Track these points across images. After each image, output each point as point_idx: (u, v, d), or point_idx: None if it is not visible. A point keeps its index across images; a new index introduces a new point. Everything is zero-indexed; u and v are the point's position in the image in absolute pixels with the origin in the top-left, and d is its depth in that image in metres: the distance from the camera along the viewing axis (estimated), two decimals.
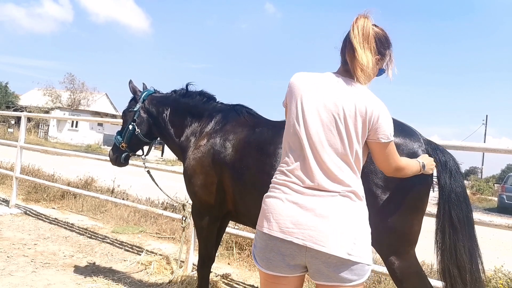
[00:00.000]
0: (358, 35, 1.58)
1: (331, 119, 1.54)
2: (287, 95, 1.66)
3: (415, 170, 1.80)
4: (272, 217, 1.53)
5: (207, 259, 2.93)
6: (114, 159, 3.44)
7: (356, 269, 1.48)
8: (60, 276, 3.70)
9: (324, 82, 1.61)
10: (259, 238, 1.58)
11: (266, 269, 1.56)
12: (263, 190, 2.48)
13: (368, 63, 1.57)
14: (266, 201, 1.60)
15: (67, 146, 28.79)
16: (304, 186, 1.53)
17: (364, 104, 1.54)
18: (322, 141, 1.53)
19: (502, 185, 20.20)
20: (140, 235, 5.48)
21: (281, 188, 1.56)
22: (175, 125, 3.14)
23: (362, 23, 1.60)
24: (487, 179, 31.06)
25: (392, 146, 1.62)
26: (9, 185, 7.73)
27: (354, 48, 1.58)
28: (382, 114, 1.57)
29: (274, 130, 2.57)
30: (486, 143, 10.32)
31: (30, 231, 5.20)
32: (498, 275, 3.89)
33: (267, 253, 1.54)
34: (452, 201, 2.11)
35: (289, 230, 1.48)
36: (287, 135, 1.63)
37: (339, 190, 1.51)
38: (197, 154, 2.79)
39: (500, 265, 4.08)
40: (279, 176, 1.61)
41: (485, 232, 8.89)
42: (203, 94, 3.15)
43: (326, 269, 1.47)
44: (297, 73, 1.68)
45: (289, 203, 1.52)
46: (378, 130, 1.56)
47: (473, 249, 2.12)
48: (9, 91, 41.60)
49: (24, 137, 6.68)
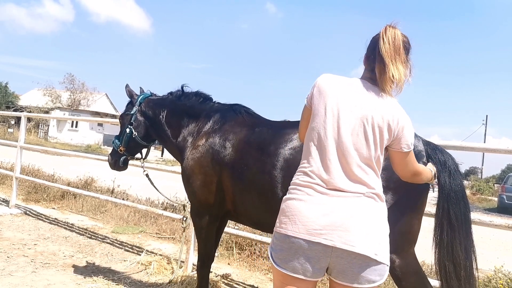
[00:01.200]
0: (389, 49, 1.60)
1: (359, 124, 1.57)
2: (315, 95, 1.66)
3: (429, 176, 1.88)
4: (297, 219, 1.52)
5: (207, 259, 2.93)
6: (113, 163, 3.45)
7: (379, 269, 1.50)
8: (60, 276, 3.70)
9: (354, 88, 1.63)
10: (281, 241, 1.55)
11: (290, 272, 1.53)
12: (263, 189, 2.50)
13: (401, 77, 1.61)
14: (289, 203, 1.58)
15: (67, 146, 28.80)
16: (328, 188, 1.54)
17: (391, 114, 1.59)
18: (349, 145, 1.56)
19: (502, 185, 20.20)
20: (140, 235, 5.48)
21: (305, 190, 1.56)
22: (172, 126, 3.14)
23: (393, 34, 1.62)
24: (487, 179, 31.06)
25: (412, 153, 1.69)
26: (9, 185, 7.73)
27: (385, 63, 1.59)
28: (407, 126, 1.62)
29: (274, 129, 2.58)
30: (486, 143, 10.32)
31: (30, 231, 5.20)
32: (498, 275, 3.89)
33: (290, 256, 1.52)
34: (451, 200, 2.15)
35: (317, 232, 1.48)
36: (312, 135, 1.62)
37: (363, 192, 1.54)
38: (196, 154, 2.79)
39: (500, 265, 4.08)
40: (301, 177, 1.60)
41: (485, 232, 8.89)
42: (199, 95, 3.16)
43: (350, 270, 1.49)
44: (325, 74, 1.70)
45: (314, 205, 1.52)
46: (402, 140, 1.62)
47: (469, 247, 2.18)
48: (9, 91, 41.61)
49: (24, 137, 6.68)
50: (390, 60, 1.58)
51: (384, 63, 1.59)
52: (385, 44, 1.60)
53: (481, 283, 3.97)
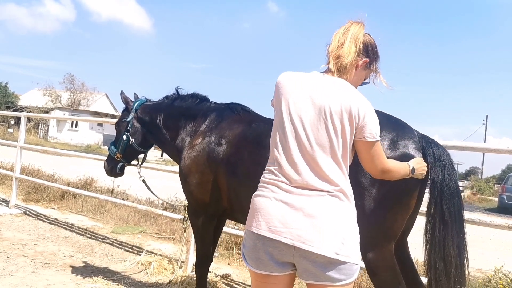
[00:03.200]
0: (345, 33, 1.64)
1: (318, 118, 1.53)
2: (275, 95, 1.66)
3: (403, 173, 1.78)
4: (260, 216, 1.53)
5: (205, 258, 2.93)
6: (110, 170, 3.45)
7: (344, 268, 1.48)
8: (60, 276, 3.70)
9: (310, 81, 1.60)
10: (248, 238, 1.58)
11: (256, 269, 1.56)
12: (257, 183, 2.48)
13: (349, 54, 1.60)
14: (255, 200, 1.59)
15: (67, 146, 28.80)
16: (292, 185, 1.52)
17: (349, 102, 1.52)
18: (310, 140, 1.53)
19: (502, 185, 20.23)
20: (140, 235, 5.48)
21: (270, 187, 1.56)
22: (169, 129, 3.15)
23: (353, 27, 1.65)
24: (487, 179, 31.11)
25: (378, 146, 1.60)
26: (9, 185, 7.72)
27: (335, 39, 1.63)
28: (368, 113, 1.55)
29: (271, 124, 2.56)
30: (486, 143, 10.34)
31: (30, 232, 5.20)
32: (498, 275, 3.89)
33: (256, 253, 1.54)
34: (445, 195, 2.10)
35: (278, 230, 1.48)
36: (275, 134, 1.62)
37: (327, 189, 1.51)
38: (192, 153, 2.80)
39: (500, 265, 4.08)
40: (267, 175, 1.61)
41: (485, 232, 8.89)
42: (195, 96, 3.16)
43: (313, 269, 1.48)
44: (284, 72, 1.68)
45: (277, 202, 1.52)
46: (364, 129, 1.54)
47: (461, 245, 2.13)
48: (9, 91, 41.63)
49: (24, 137, 6.68)
50: (342, 36, 1.63)
51: (335, 40, 1.64)
52: (340, 29, 1.66)
53: (481, 283, 3.97)
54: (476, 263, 5.86)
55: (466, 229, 2.19)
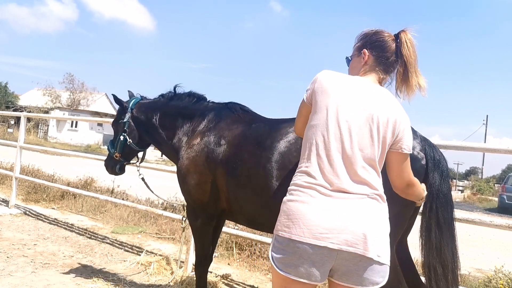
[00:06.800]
0: (414, 55, 1.73)
1: (364, 124, 1.56)
2: (316, 92, 1.63)
3: (420, 192, 1.83)
4: (302, 223, 1.48)
5: (204, 258, 2.92)
6: (110, 169, 3.47)
7: (382, 270, 1.50)
8: (60, 277, 3.69)
9: (357, 87, 1.63)
10: (284, 245, 1.50)
11: (293, 276, 1.49)
12: (257, 184, 2.43)
13: (424, 85, 1.73)
14: (291, 206, 1.53)
15: (67, 146, 28.79)
16: (332, 189, 1.51)
17: (394, 114, 1.60)
18: (353, 145, 1.54)
19: (502, 185, 20.23)
20: (140, 236, 5.48)
21: (307, 191, 1.52)
22: (166, 128, 3.12)
23: (412, 41, 1.73)
24: (488, 179, 31.12)
25: (409, 159, 1.67)
26: (8, 185, 7.72)
27: (408, 70, 1.72)
28: (407, 126, 1.64)
29: (271, 125, 2.56)
30: (486, 143, 10.32)
31: (30, 232, 5.20)
32: (499, 276, 3.89)
33: (295, 260, 1.47)
34: (440, 201, 2.14)
35: (323, 236, 1.45)
36: (314, 133, 1.59)
37: (367, 193, 1.53)
38: (191, 153, 2.77)
39: (500, 265, 4.08)
40: (303, 178, 1.56)
41: (486, 233, 8.90)
42: (192, 95, 3.13)
43: (356, 272, 1.48)
44: (326, 70, 1.68)
45: (318, 208, 1.49)
46: (402, 141, 1.62)
47: (455, 249, 2.19)
48: (8, 91, 41.62)
49: (23, 137, 6.68)
50: (414, 69, 1.70)
51: (407, 70, 1.70)
52: (409, 49, 1.71)
53: (481, 283, 3.97)
54: (476, 263, 5.86)
55: (457, 235, 2.25)
